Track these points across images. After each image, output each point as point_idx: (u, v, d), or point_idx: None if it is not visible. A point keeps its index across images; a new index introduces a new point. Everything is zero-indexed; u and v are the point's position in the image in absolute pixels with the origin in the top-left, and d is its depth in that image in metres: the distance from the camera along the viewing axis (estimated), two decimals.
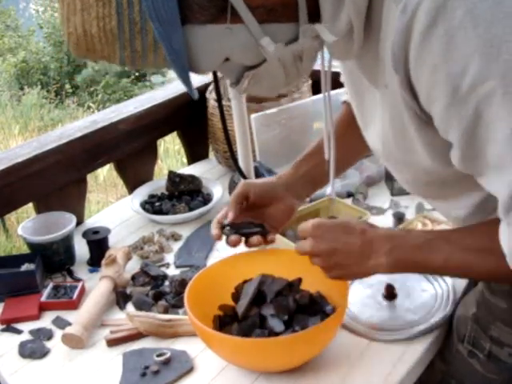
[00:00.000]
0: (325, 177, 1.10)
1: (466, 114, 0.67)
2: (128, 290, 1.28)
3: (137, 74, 9.58)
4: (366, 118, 0.90)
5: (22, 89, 8.44)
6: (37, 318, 1.23)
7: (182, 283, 1.23)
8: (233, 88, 0.82)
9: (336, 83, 0.99)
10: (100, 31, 0.68)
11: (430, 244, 0.84)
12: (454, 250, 0.82)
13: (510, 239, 0.73)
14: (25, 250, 1.43)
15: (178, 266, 1.39)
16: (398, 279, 1.20)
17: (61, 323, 1.21)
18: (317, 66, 0.93)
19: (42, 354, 1.13)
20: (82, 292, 1.30)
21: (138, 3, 0.66)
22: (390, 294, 1.17)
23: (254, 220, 1.08)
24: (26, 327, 1.21)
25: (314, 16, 0.74)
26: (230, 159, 1.31)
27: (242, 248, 1.10)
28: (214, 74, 1.11)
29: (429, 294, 1.17)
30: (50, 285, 1.31)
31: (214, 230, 1.06)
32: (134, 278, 1.32)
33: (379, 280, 1.21)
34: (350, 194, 1.59)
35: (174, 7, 0.67)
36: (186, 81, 0.76)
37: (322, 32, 0.74)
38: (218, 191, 1.65)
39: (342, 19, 0.73)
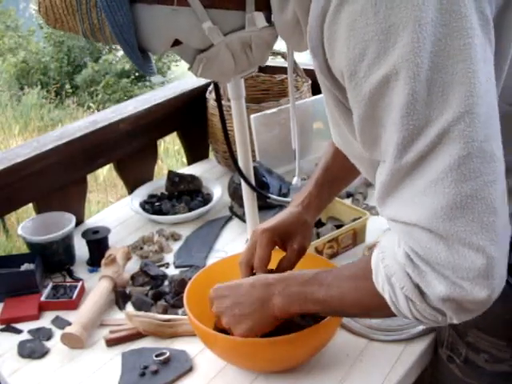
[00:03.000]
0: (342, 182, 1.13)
1: (361, 100, 0.67)
2: (127, 290, 1.28)
3: (137, 74, 9.58)
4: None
5: (22, 89, 8.44)
6: (36, 317, 1.23)
7: (181, 283, 1.24)
8: (190, 71, 0.85)
9: None
10: (62, 3, 0.75)
11: (316, 277, 0.87)
12: (334, 280, 0.84)
13: (378, 257, 0.73)
14: (25, 249, 1.43)
15: (177, 266, 1.39)
16: None
17: (60, 323, 1.21)
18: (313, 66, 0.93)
19: (42, 353, 1.13)
20: (82, 292, 1.30)
21: None
22: None
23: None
24: (26, 327, 1.21)
25: (263, 6, 0.76)
26: (230, 159, 1.31)
27: (242, 248, 1.10)
28: None
29: None
30: (50, 285, 1.31)
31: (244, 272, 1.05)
32: (133, 277, 1.32)
33: None
34: (349, 195, 1.59)
35: None
36: (132, 56, 0.79)
37: (257, 19, 0.77)
38: (217, 191, 1.65)
39: (289, 11, 0.75)
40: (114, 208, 1.73)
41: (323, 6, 0.67)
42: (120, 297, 1.26)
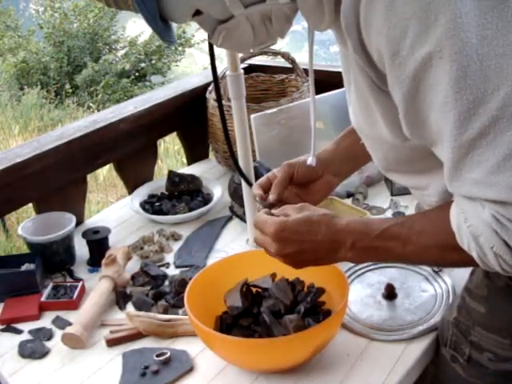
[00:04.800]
0: (367, 153, 1.07)
1: (405, 78, 0.68)
2: (128, 290, 1.28)
3: (137, 74, 9.58)
4: (349, 93, 0.90)
5: (21, 89, 8.44)
6: (37, 318, 1.23)
7: (181, 283, 1.24)
8: (210, 41, 0.86)
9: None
10: None
11: (388, 230, 0.84)
12: (411, 235, 0.82)
13: (459, 217, 0.73)
14: (25, 250, 1.43)
15: (177, 266, 1.39)
16: (397, 279, 1.20)
17: (61, 323, 1.21)
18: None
19: (42, 354, 1.13)
20: (82, 292, 1.30)
21: None
22: (390, 293, 1.17)
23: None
24: (26, 327, 1.21)
25: None
26: (230, 159, 1.31)
27: (242, 248, 1.10)
28: (214, 73, 1.10)
29: (429, 295, 1.17)
30: (50, 285, 1.31)
31: (257, 191, 1.02)
32: (133, 277, 1.32)
33: (379, 280, 1.21)
34: (349, 194, 1.59)
35: None
36: (152, 25, 0.79)
37: None
38: (217, 191, 1.65)
39: None
40: (114, 208, 1.73)
41: None
42: (120, 297, 1.26)
